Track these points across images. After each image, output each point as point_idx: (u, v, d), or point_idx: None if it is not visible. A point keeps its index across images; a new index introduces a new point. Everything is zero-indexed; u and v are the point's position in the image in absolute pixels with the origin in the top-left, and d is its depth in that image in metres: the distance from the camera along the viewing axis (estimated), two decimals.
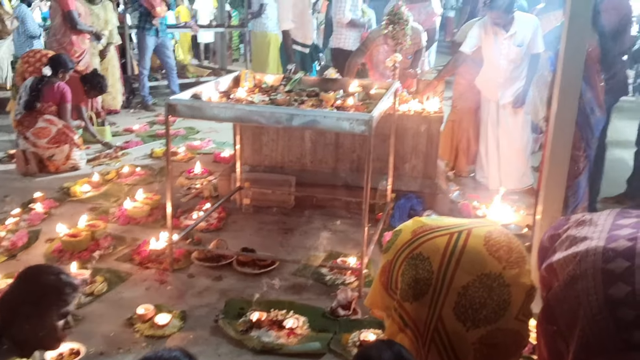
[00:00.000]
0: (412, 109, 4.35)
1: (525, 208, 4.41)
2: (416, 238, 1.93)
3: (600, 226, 2.06)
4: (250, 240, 3.82)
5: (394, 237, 2.00)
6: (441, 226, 1.97)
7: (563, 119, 3.19)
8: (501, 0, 4.32)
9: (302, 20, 5.37)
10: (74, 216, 3.98)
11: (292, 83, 3.91)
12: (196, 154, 5.75)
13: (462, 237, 1.91)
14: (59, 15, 6.17)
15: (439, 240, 1.91)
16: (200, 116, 3.27)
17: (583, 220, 2.17)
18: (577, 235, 2.05)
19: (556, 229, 2.23)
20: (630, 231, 1.96)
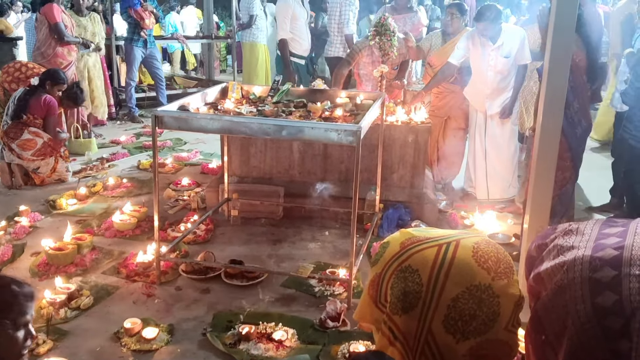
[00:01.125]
0: (400, 120, 4.37)
1: (512, 217, 4.43)
2: (405, 250, 1.93)
3: (587, 235, 2.07)
4: (238, 252, 3.80)
5: (382, 250, 1.99)
6: (429, 238, 1.96)
7: (549, 129, 3.22)
8: (488, 12, 4.37)
9: (299, 33, 5.47)
10: (60, 229, 3.95)
11: (280, 94, 3.90)
12: (184, 165, 5.73)
13: (450, 248, 1.90)
14: (45, 27, 6.14)
15: (428, 252, 1.90)
16: (187, 128, 3.25)
17: (570, 230, 2.18)
18: (564, 245, 2.05)
19: (543, 238, 2.24)
20: (617, 240, 1.97)
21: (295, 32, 5.46)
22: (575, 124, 3.52)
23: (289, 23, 5.43)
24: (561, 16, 3.10)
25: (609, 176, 4.80)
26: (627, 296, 1.77)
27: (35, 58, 6.23)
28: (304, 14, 5.49)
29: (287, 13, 5.43)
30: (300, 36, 5.50)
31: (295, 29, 5.45)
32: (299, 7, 5.43)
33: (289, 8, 5.43)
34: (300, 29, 5.48)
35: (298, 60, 5.61)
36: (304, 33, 5.52)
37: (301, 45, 5.55)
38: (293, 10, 5.42)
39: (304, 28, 5.50)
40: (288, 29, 5.43)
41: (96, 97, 6.99)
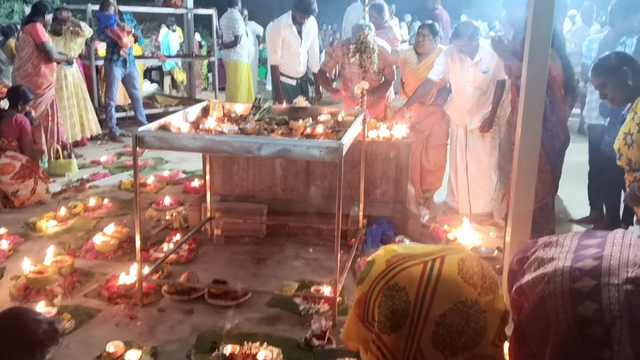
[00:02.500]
0: (381, 136, 4.39)
1: (495, 230, 4.47)
2: (391, 268, 1.93)
3: (567, 247, 2.10)
4: (222, 272, 3.77)
5: (368, 268, 1.99)
6: (414, 255, 1.97)
7: (528, 142, 3.25)
8: (465, 29, 4.44)
9: (290, 58, 5.57)
10: (40, 252, 3.89)
11: (262, 112, 3.91)
12: (165, 184, 5.69)
13: (436, 265, 1.91)
14: (29, 46, 6.10)
15: (414, 270, 1.91)
16: (168, 147, 3.23)
17: (550, 242, 2.21)
18: (544, 257, 2.08)
19: (524, 252, 2.26)
20: (596, 250, 2.00)
21: (287, 58, 5.55)
22: (554, 137, 3.57)
23: (279, 49, 5.52)
24: (537, 30, 3.15)
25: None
26: (607, 305, 1.80)
27: (15, 78, 6.17)
28: (297, 40, 5.56)
29: (278, 39, 5.50)
30: (292, 61, 5.60)
31: (286, 55, 5.54)
32: (290, 34, 5.49)
33: (279, 34, 5.49)
34: (292, 55, 5.57)
35: (288, 81, 5.68)
36: (296, 58, 5.61)
37: (292, 69, 5.64)
38: (284, 36, 5.49)
39: (297, 54, 5.60)
40: (279, 55, 5.53)
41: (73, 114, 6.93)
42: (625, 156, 2.96)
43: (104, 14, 7.11)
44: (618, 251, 2.00)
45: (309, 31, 5.66)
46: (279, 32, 5.51)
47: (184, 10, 9.26)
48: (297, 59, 5.62)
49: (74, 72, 6.91)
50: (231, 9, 8.48)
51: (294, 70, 5.67)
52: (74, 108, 6.92)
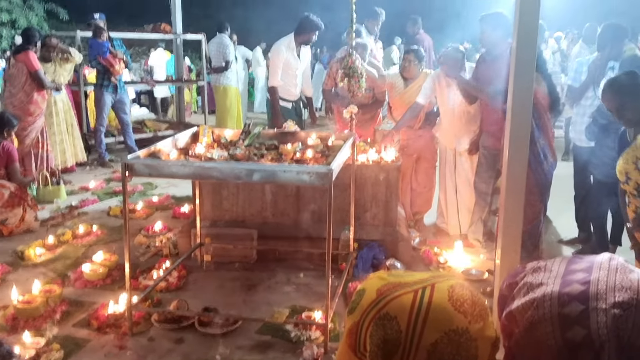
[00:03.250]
0: (370, 159, 4.42)
1: (485, 253, 4.48)
2: (382, 297, 1.93)
3: (555, 272, 2.12)
4: (212, 299, 3.74)
5: (358, 297, 1.99)
6: (405, 283, 1.97)
7: (516, 165, 3.29)
8: (453, 53, 4.51)
9: (288, 80, 5.67)
10: (29, 281, 3.84)
11: (251, 137, 3.93)
12: (155, 210, 5.67)
13: (426, 293, 1.91)
14: (23, 74, 6.11)
15: (405, 299, 1.91)
16: (158, 174, 3.24)
17: (539, 267, 2.22)
18: (533, 282, 2.09)
19: (513, 277, 2.28)
20: (584, 275, 2.02)
21: (285, 80, 5.65)
22: (542, 160, 3.61)
23: (280, 71, 5.61)
24: (522, 53, 3.20)
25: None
26: (595, 330, 1.81)
27: (7, 106, 6.17)
28: (296, 63, 5.67)
29: (279, 61, 5.60)
30: (289, 83, 5.70)
31: (285, 77, 5.64)
32: (292, 57, 5.61)
33: (281, 57, 5.59)
34: (290, 77, 5.68)
35: (284, 104, 5.78)
36: (293, 80, 5.72)
37: (289, 92, 5.73)
38: (285, 59, 5.58)
39: (295, 76, 5.72)
40: (279, 77, 5.62)
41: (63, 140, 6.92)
42: (635, 180, 2.97)
43: (96, 42, 7.15)
44: (605, 275, 2.02)
45: (305, 55, 5.79)
46: (280, 53, 5.59)
47: (173, 35, 9.32)
48: (294, 82, 5.71)
49: (62, 98, 6.92)
50: (221, 34, 8.55)
51: (290, 93, 5.74)
52: (64, 134, 6.92)
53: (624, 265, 2.20)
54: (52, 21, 15.65)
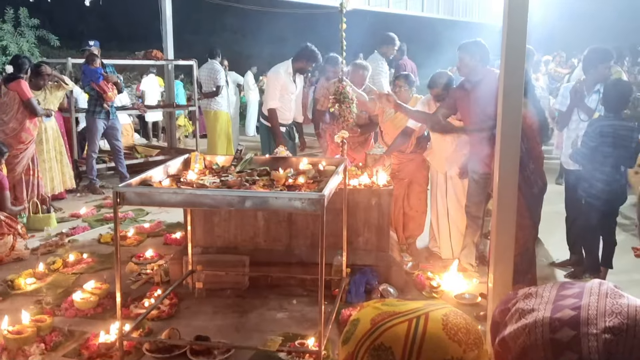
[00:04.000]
0: (362, 184, 4.43)
1: (478, 276, 4.47)
2: (376, 327, 1.93)
3: (546, 297, 2.13)
4: (204, 327, 3.71)
5: (353, 328, 1.99)
6: (399, 312, 1.97)
7: (506, 189, 3.31)
8: (440, 79, 4.58)
9: (284, 104, 5.80)
10: (19, 310, 3.77)
11: (243, 163, 3.94)
12: (146, 236, 5.64)
13: (420, 323, 1.92)
14: (16, 103, 6.11)
15: (399, 328, 1.91)
16: (149, 203, 3.22)
17: (530, 293, 2.23)
18: (525, 308, 2.10)
19: (505, 303, 2.28)
20: (574, 301, 2.03)
21: (282, 104, 5.80)
22: (532, 183, 3.64)
23: (278, 94, 5.75)
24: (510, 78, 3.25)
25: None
26: (587, 355, 1.81)
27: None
28: (292, 88, 5.82)
29: (278, 84, 5.75)
30: (285, 108, 5.83)
31: (281, 101, 5.77)
32: (288, 80, 5.77)
33: (280, 80, 5.74)
34: (286, 102, 5.80)
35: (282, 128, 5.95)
36: (289, 104, 5.85)
37: (284, 115, 5.85)
38: (283, 82, 5.73)
39: (290, 100, 5.86)
40: (277, 98, 5.77)
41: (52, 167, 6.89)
42: None
43: (89, 68, 7.17)
44: (595, 301, 2.03)
45: (299, 82, 5.92)
46: (279, 76, 5.74)
47: (165, 61, 9.37)
48: (289, 106, 5.84)
49: (52, 125, 6.90)
50: (212, 60, 8.61)
51: (285, 116, 5.86)
52: (53, 161, 6.89)
53: (614, 291, 2.22)
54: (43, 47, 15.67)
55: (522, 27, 3.23)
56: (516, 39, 3.25)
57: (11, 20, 13.81)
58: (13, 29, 13.98)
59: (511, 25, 3.23)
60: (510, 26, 3.24)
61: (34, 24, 14.20)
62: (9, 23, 13.64)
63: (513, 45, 3.24)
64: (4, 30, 13.60)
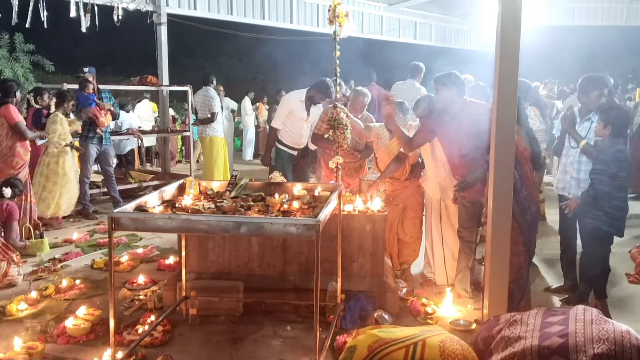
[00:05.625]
0: (357, 209, 4.44)
1: (472, 302, 4.47)
2: (373, 354, 1.93)
3: (532, 325, 2.14)
4: (198, 354, 3.68)
5: (349, 355, 1.99)
6: (395, 339, 1.97)
7: (500, 216, 3.34)
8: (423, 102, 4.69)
9: (291, 127, 6.02)
10: (10, 337, 3.75)
11: (238, 189, 3.95)
12: (139, 262, 5.61)
13: (418, 349, 1.92)
14: (4, 128, 6.12)
15: (396, 355, 1.91)
16: (144, 228, 3.22)
17: (514, 321, 2.24)
18: (510, 336, 2.10)
19: (488, 330, 2.28)
20: (560, 328, 2.04)
21: (288, 126, 6.04)
22: (525, 209, 3.67)
23: (283, 117, 6.03)
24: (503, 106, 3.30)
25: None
26: None
27: None
28: (303, 114, 6.02)
29: (285, 108, 6.06)
30: (295, 133, 6.06)
31: (290, 125, 6.03)
32: (298, 107, 5.99)
33: (287, 105, 6.06)
34: (297, 127, 6.05)
35: (288, 150, 6.13)
36: (299, 131, 6.06)
37: (294, 140, 6.09)
38: (292, 108, 5.99)
39: (301, 127, 6.05)
40: (281, 121, 6.04)
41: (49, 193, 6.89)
42: None
43: (82, 94, 7.22)
44: (582, 327, 2.04)
45: (316, 111, 6.08)
46: (288, 102, 6.04)
47: (160, 87, 9.43)
48: (299, 132, 6.03)
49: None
50: (206, 87, 8.66)
51: (294, 140, 6.07)
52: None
53: (598, 317, 2.23)
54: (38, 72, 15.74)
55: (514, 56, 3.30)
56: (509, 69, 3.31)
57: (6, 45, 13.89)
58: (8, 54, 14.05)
59: (504, 56, 3.30)
60: (503, 56, 3.30)
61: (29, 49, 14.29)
62: (4, 48, 13.72)
63: (506, 75, 3.31)
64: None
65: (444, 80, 4.32)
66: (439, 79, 4.35)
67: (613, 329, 2.00)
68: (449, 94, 4.31)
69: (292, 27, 12.04)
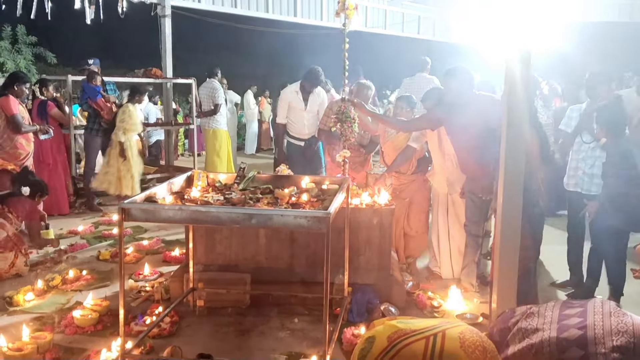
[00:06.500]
0: (364, 202, 4.45)
1: (479, 296, 4.48)
2: (393, 345, 1.93)
3: (549, 317, 2.14)
4: (205, 345, 3.68)
5: (368, 345, 1.99)
6: (415, 330, 1.98)
7: (510, 211, 3.34)
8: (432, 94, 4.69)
9: (294, 119, 6.27)
10: (18, 327, 3.75)
11: (246, 181, 3.95)
12: (145, 254, 5.61)
13: (438, 340, 1.92)
14: (2, 119, 6.11)
15: (416, 346, 1.92)
16: (154, 219, 3.22)
17: (531, 313, 2.24)
18: (527, 327, 2.11)
19: (504, 322, 2.29)
20: (579, 320, 2.05)
21: (291, 118, 6.28)
22: (533, 204, 3.67)
23: (285, 111, 6.30)
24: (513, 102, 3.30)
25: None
26: None
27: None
28: (300, 105, 6.23)
29: (283, 103, 6.33)
30: (298, 122, 6.27)
31: (293, 117, 6.28)
32: (295, 99, 6.23)
33: (284, 99, 6.33)
34: (297, 118, 6.26)
35: (296, 142, 6.35)
36: (301, 121, 6.26)
37: (296, 128, 6.30)
38: (289, 101, 6.25)
39: (302, 117, 6.25)
40: (284, 115, 6.32)
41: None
42: None
43: (89, 85, 7.21)
44: (600, 320, 2.05)
45: (316, 99, 6.24)
46: (284, 97, 6.32)
47: (164, 80, 9.41)
48: (301, 122, 6.21)
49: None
50: (211, 79, 8.66)
51: (298, 130, 6.26)
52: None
53: (617, 309, 2.24)
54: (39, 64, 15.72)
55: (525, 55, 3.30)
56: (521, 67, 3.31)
57: (8, 37, 13.85)
58: (10, 46, 14.03)
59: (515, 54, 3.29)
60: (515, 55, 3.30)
61: (31, 41, 14.25)
62: (6, 40, 13.68)
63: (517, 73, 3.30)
64: (1, 47, 13.66)
65: (453, 74, 4.33)
66: (449, 73, 4.35)
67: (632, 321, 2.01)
68: (458, 86, 4.30)
69: (296, 20, 12.01)
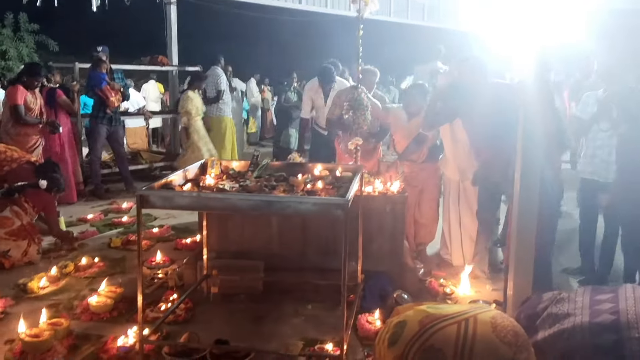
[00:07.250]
0: (377, 190, 4.45)
1: (491, 283, 4.50)
2: (425, 329, 1.94)
3: (580, 302, 2.14)
4: (220, 331, 3.70)
5: (400, 330, 1.99)
6: (446, 315, 1.99)
7: (527, 197, 3.34)
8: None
9: (318, 112, 6.57)
10: (33, 314, 3.77)
11: (260, 169, 3.95)
12: (156, 241, 5.63)
13: (470, 325, 1.93)
14: (7, 107, 6.12)
15: (449, 330, 1.92)
16: (172, 206, 3.26)
17: (561, 298, 2.25)
18: (558, 313, 2.11)
19: (532, 307, 2.29)
20: (611, 305, 2.05)
21: (317, 112, 6.64)
22: (547, 189, 3.67)
23: (309, 107, 6.65)
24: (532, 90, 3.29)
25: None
26: (630, 358, 1.83)
27: (2, 136, 6.15)
28: (321, 100, 6.53)
29: (307, 98, 6.67)
30: (320, 115, 6.54)
31: (316, 111, 6.65)
32: (315, 95, 6.57)
33: (308, 96, 6.66)
34: (318, 110, 6.60)
35: (321, 130, 6.61)
36: (321, 113, 6.49)
37: (322, 121, 6.52)
38: (311, 97, 6.61)
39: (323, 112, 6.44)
40: (308, 110, 6.67)
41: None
42: None
43: (95, 73, 7.19)
44: (633, 305, 2.06)
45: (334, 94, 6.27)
46: (307, 94, 6.68)
47: (171, 67, 9.39)
48: (324, 115, 6.35)
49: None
50: (214, 67, 8.66)
51: (324, 123, 6.45)
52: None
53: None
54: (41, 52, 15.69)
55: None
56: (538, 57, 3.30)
57: (11, 25, 13.77)
58: (12, 33, 13.95)
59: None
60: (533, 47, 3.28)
61: (33, 28, 14.16)
62: (8, 28, 13.61)
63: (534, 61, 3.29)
64: (3, 35, 13.60)
65: (468, 65, 4.32)
66: (462, 63, 4.34)
67: None
68: (472, 78, 4.28)
69: (300, 7, 11.93)
